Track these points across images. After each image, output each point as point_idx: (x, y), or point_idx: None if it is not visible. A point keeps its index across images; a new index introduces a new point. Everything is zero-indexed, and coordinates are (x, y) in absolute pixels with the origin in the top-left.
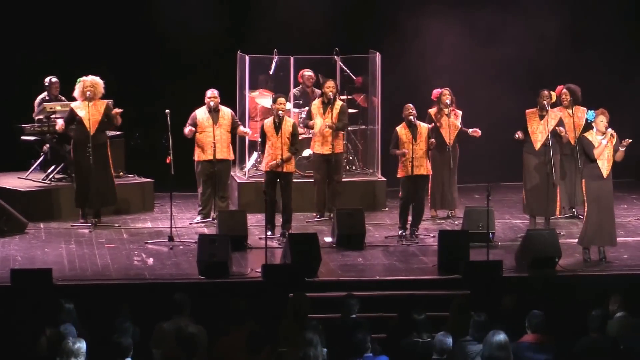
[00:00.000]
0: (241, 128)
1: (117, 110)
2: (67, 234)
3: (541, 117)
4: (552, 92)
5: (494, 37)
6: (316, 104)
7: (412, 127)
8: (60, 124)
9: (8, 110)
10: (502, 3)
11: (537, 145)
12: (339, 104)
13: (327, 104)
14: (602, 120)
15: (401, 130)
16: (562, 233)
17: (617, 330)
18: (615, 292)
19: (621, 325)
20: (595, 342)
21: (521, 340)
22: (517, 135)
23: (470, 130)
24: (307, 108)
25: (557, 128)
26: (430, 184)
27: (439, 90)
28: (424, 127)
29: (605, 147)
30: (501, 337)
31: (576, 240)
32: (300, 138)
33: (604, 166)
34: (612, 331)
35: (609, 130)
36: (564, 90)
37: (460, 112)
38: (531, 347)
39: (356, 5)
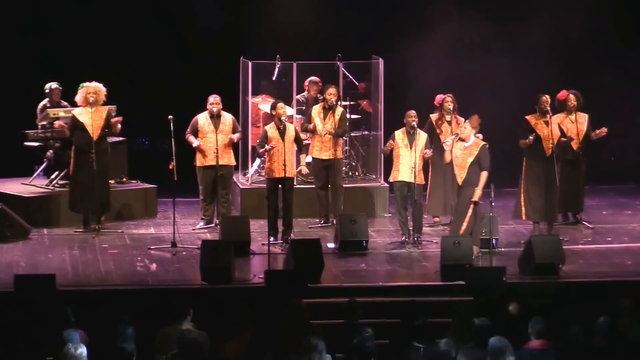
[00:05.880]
0: (231, 136)
1: (116, 118)
2: (70, 239)
3: (546, 123)
4: (548, 97)
5: (495, 44)
6: (317, 108)
7: (411, 135)
8: (64, 126)
9: (11, 117)
10: (505, 9)
11: (550, 152)
12: (339, 110)
13: (328, 109)
14: (464, 127)
15: (399, 135)
16: (565, 239)
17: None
18: (625, 298)
19: (627, 331)
20: (600, 348)
21: (525, 347)
22: (530, 138)
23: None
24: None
25: (561, 139)
26: (428, 190)
27: (441, 96)
28: (423, 136)
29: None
30: (503, 344)
31: (580, 246)
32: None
33: (459, 173)
34: (618, 337)
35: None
36: (571, 95)
37: (462, 119)
38: (535, 353)
39: (359, 11)
